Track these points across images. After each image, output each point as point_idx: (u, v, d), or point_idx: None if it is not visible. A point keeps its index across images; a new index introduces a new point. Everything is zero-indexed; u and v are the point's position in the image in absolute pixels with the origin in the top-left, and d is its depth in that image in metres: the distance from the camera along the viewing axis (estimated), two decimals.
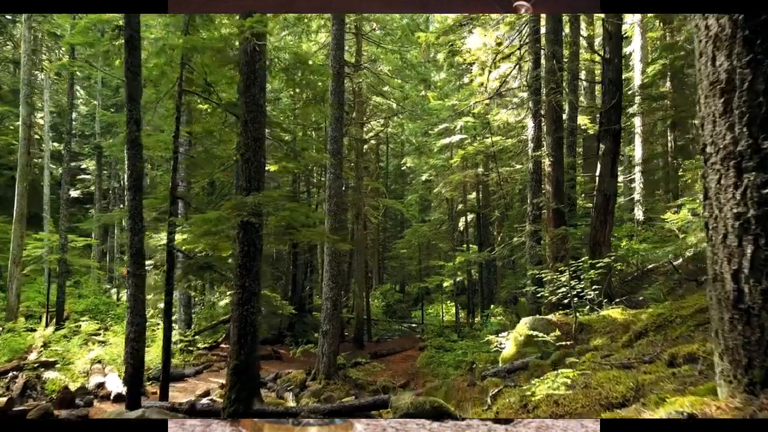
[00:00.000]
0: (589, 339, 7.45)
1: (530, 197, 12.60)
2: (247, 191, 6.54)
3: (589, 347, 6.56)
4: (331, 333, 13.61)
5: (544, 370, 6.67)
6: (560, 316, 8.35)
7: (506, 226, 22.14)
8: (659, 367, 3.46)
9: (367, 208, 25.15)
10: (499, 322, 16.82)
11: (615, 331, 7.32)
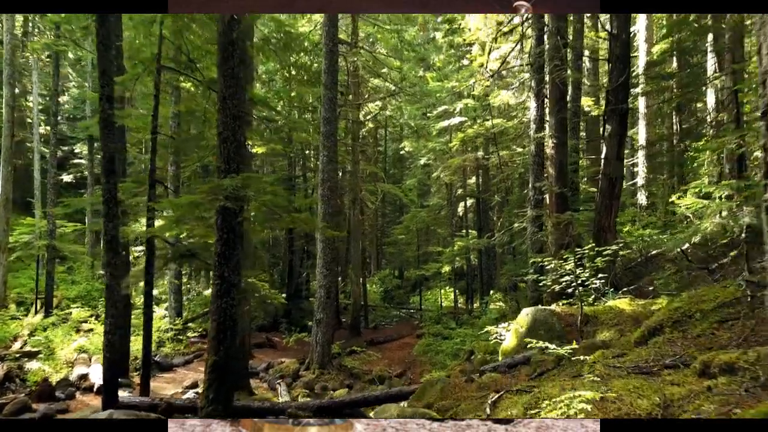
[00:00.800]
0: (596, 332, 6.97)
1: (532, 181, 12.06)
2: (226, 173, 5.99)
3: (597, 342, 6.08)
4: (325, 321, 13.16)
5: (548, 366, 6.20)
6: (564, 306, 7.87)
7: (506, 212, 21.62)
8: (687, 376, 2.96)
9: (364, 193, 24.61)
10: (498, 309, 16.38)
11: (623, 323, 6.84)
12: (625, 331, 6.49)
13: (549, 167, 11.75)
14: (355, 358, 14.60)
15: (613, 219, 11.24)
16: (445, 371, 12.93)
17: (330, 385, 12.41)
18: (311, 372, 13.01)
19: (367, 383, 13.11)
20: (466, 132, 19.45)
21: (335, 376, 13.00)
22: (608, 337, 6.53)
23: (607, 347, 5.86)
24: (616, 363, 4.00)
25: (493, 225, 26.00)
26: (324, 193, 13.22)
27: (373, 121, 30.23)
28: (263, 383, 12.13)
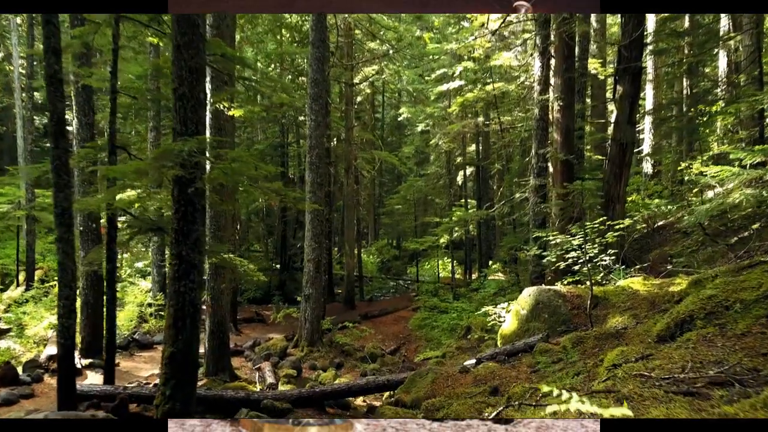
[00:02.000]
0: (607, 316, 6.22)
1: (535, 147, 11.15)
2: (182, 136, 5.12)
3: (609, 330, 5.31)
4: (314, 297, 12.45)
5: (553, 356, 5.45)
6: (570, 286, 7.09)
7: (507, 180, 20.74)
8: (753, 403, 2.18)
9: (360, 161, 23.67)
10: (497, 282, 15.69)
11: (638, 307, 6.07)
12: (640, 316, 5.73)
13: (554, 132, 10.84)
14: (347, 334, 13.96)
15: (623, 188, 10.40)
16: (440, 350, 12.34)
17: (319, 364, 11.79)
18: (300, 349, 12.38)
19: (359, 361, 12.50)
20: (466, 96, 18.38)
21: (325, 353, 12.38)
22: (621, 323, 5.77)
23: (620, 337, 5.10)
24: (642, 370, 3.21)
25: (492, 194, 25.13)
26: (312, 161, 12.33)
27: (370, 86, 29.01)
28: (248, 362, 11.49)
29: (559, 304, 6.65)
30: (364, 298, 21.39)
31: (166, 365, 5.18)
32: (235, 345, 12.46)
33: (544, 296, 6.83)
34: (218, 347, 9.57)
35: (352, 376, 11.51)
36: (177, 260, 5.26)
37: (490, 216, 13.51)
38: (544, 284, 10.91)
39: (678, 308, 4.33)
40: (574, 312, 6.57)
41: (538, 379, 4.98)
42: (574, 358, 5.07)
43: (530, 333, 6.74)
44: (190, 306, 5.26)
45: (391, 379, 6.47)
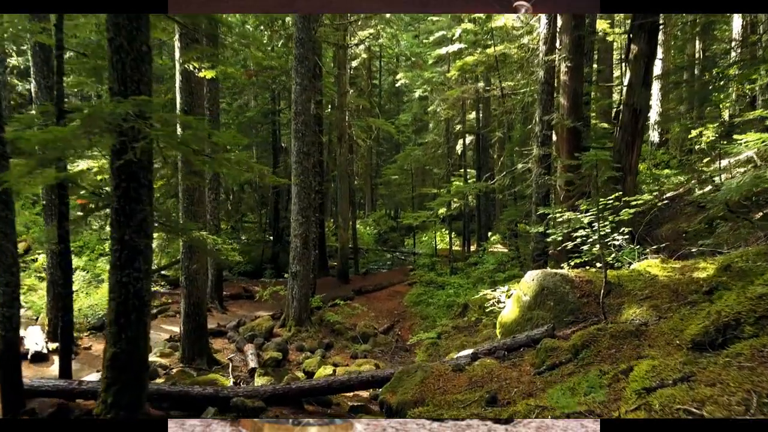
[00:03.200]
0: (622, 306, 5.44)
1: (539, 113, 10.21)
2: (119, 96, 4.24)
3: (628, 327, 4.54)
4: (302, 274, 11.71)
5: (561, 355, 4.69)
6: (579, 271, 6.31)
7: (508, 149, 19.79)
8: None
9: (354, 129, 22.66)
10: (496, 257, 14.95)
11: (658, 295, 5.29)
12: (662, 308, 4.95)
13: (560, 97, 9.90)
14: (338, 312, 13.28)
15: (635, 158, 9.55)
16: (435, 330, 11.67)
17: (307, 345, 11.13)
18: (287, 329, 11.71)
19: (349, 341, 11.85)
20: (465, 60, 17.27)
21: (313, 333, 11.71)
22: (639, 315, 5.01)
23: (642, 335, 4.33)
24: (687, 401, 2.43)
25: (493, 164, 24.18)
26: (298, 128, 11.40)
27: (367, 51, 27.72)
28: (231, 343, 10.81)
29: (566, 291, 5.88)
30: (359, 272, 20.71)
31: (107, 368, 4.43)
32: (218, 325, 11.79)
33: (550, 281, 6.05)
34: (195, 330, 8.86)
35: (341, 357, 10.87)
36: (119, 245, 4.44)
37: (490, 189, 12.65)
38: (546, 263, 10.16)
39: (718, 307, 3.53)
40: (583, 300, 5.80)
41: (544, 385, 4.23)
42: (587, 360, 4.31)
43: (533, 323, 5.99)
44: (136, 298, 4.47)
45: (376, 375, 5.75)
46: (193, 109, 8.58)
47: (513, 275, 13.10)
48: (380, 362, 10.52)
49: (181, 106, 8.61)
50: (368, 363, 10.02)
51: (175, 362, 8.93)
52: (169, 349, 9.24)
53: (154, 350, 9.39)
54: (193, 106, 8.58)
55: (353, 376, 5.79)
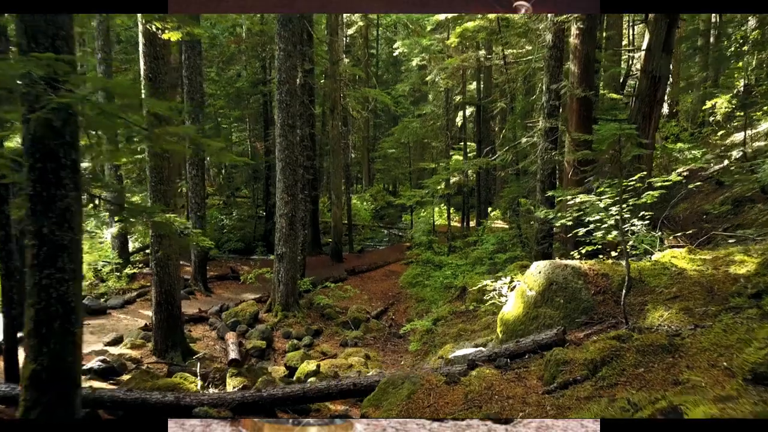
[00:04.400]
0: (645, 307, 4.65)
1: (547, 82, 9.26)
2: (26, 52, 3.35)
3: (657, 338, 3.74)
4: (289, 256, 10.93)
5: (575, 371, 3.92)
6: (592, 262, 5.49)
7: (510, 122, 18.79)
8: None
9: (349, 101, 21.61)
10: (497, 237, 14.15)
11: (689, 295, 4.50)
12: (696, 312, 4.16)
13: (570, 63, 8.93)
14: (329, 294, 12.56)
15: (652, 132, 8.66)
16: (430, 317, 10.94)
17: (294, 331, 10.43)
18: (273, 315, 10.98)
19: (340, 327, 11.15)
20: (465, 26, 16.15)
21: (301, 318, 11.00)
22: (668, 320, 4.22)
23: (676, 351, 3.54)
24: None
25: (494, 136, 23.21)
26: (282, 98, 10.46)
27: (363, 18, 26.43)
28: (213, 331, 10.10)
29: (578, 287, 5.08)
30: (353, 250, 19.96)
31: (26, 388, 3.66)
32: (199, 310, 11.06)
33: (559, 275, 5.24)
34: (167, 320, 8.11)
35: (330, 345, 10.17)
36: (36, 240, 3.62)
37: (491, 165, 11.76)
38: (551, 245, 9.36)
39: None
40: (598, 298, 5.00)
41: (555, 410, 3.46)
42: (608, 380, 3.53)
43: (540, 323, 5.21)
44: (59, 304, 3.68)
45: (358, 384, 5.00)
46: (158, 76, 7.65)
47: (514, 257, 12.34)
48: (371, 351, 9.82)
49: (145, 73, 7.68)
50: (358, 352, 9.32)
51: (146, 354, 8.21)
52: (141, 340, 8.51)
53: (125, 341, 8.67)
54: (158, 73, 7.65)
55: (332, 384, 5.04)
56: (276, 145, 10.68)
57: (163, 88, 7.73)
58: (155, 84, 7.66)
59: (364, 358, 8.97)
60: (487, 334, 8.78)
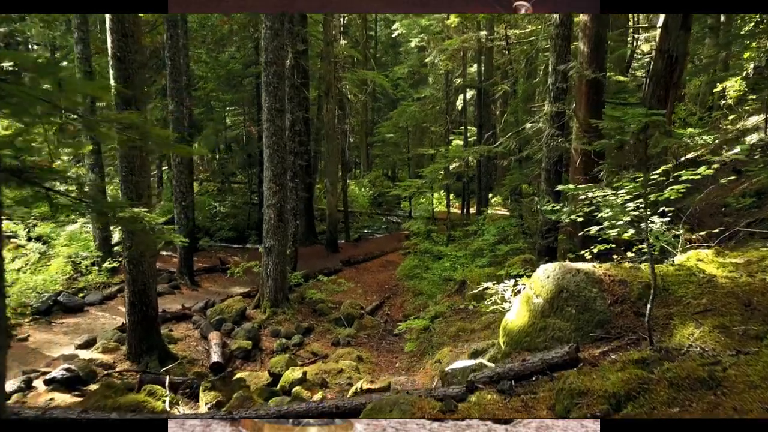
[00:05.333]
0: (671, 322, 4.02)
1: (553, 62, 8.54)
2: None
3: (693, 369, 3.12)
4: (278, 249, 10.32)
5: (593, 404, 3.30)
6: (608, 266, 4.85)
7: (512, 105, 18.05)
8: None
9: (346, 83, 20.84)
10: (498, 227, 13.50)
11: (724, 309, 3.87)
12: (734, 332, 3.53)
13: (580, 42, 8.20)
14: (322, 288, 11.96)
15: (668, 117, 7.95)
16: (427, 314, 10.35)
17: (283, 329, 9.85)
18: (261, 311, 10.40)
19: (332, 323, 10.57)
20: None
21: (291, 315, 10.42)
22: (701, 341, 3.59)
23: (718, 387, 2.92)
24: None
25: (495, 120, 22.44)
26: (269, 80, 9.75)
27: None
28: (196, 330, 9.51)
29: (592, 296, 4.45)
30: (350, 239, 19.35)
31: None
32: (183, 307, 10.48)
33: (571, 281, 4.61)
34: (142, 322, 7.51)
35: (321, 344, 9.60)
36: None
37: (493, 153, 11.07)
38: (557, 239, 8.72)
39: None
40: (615, 309, 4.37)
41: None
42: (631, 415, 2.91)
43: (548, 335, 4.60)
44: None
45: (341, 406, 4.40)
46: (127, 55, 6.95)
47: (517, 249, 11.72)
48: (364, 350, 9.25)
49: (112, 52, 6.97)
50: (350, 354, 8.75)
51: (120, 359, 7.63)
52: (114, 343, 7.93)
53: (98, 343, 8.08)
54: (127, 52, 6.94)
55: (312, 407, 4.44)
56: (263, 130, 9.99)
57: (133, 69, 7.04)
58: (123, 64, 6.96)
59: (356, 360, 8.40)
60: (487, 335, 8.18)
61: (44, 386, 6.34)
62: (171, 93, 11.76)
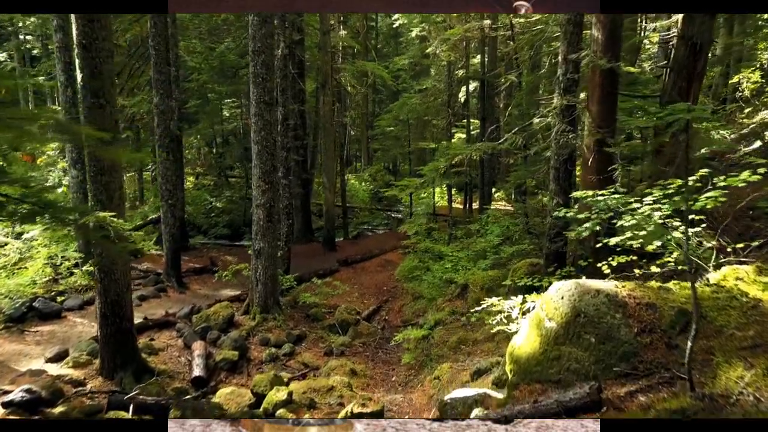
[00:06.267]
0: (713, 360, 3.37)
1: (564, 51, 7.83)
2: None
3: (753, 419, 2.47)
4: (267, 252, 9.69)
5: None
6: (632, 285, 4.19)
7: (517, 98, 17.33)
8: None
9: (344, 75, 20.13)
10: (501, 227, 12.85)
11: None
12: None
13: (593, 28, 7.50)
14: (316, 291, 11.35)
15: None
16: (426, 322, 9.73)
17: (273, 337, 9.24)
18: (251, 317, 9.78)
19: (326, 330, 9.96)
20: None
21: (282, 322, 9.80)
22: (752, 387, 2.95)
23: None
24: None
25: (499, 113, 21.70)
26: (257, 71, 9.08)
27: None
28: (179, 338, 8.90)
29: (616, 323, 3.81)
30: (348, 236, 18.72)
31: None
32: (166, 313, 9.87)
33: (589, 304, 3.97)
34: (115, 336, 6.90)
35: (313, 354, 9.00)
36: None
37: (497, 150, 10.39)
38: (566, 244, 8.05)
39: None
40: (644, 339, 3.72)
41: None
42: None
43: (563, 366, 3.96)
44: None
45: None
46: (94, 42, 6.29)
47: (521, 250, 11.08)
48: (359, 361, 8.65)
49: (77, 39, 6.32)
50: (343, 366, 8.15)
51: (92, 374, 7.02)
52: (87, 357, 7.32)
53: (70, 356, 7.48)
54: (94, 39, 6.28)
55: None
56: (251, 125, 9.34)
57: (101, 58, 6.38)
58: (90, 53, 6.31)
59: (349, 375, 7.80)
60: (491, 348, 7.56)
61: (2, 409, 5.74)
62: (155, 85, 11.08)
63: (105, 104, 6.48)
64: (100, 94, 6.42)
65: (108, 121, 6.51)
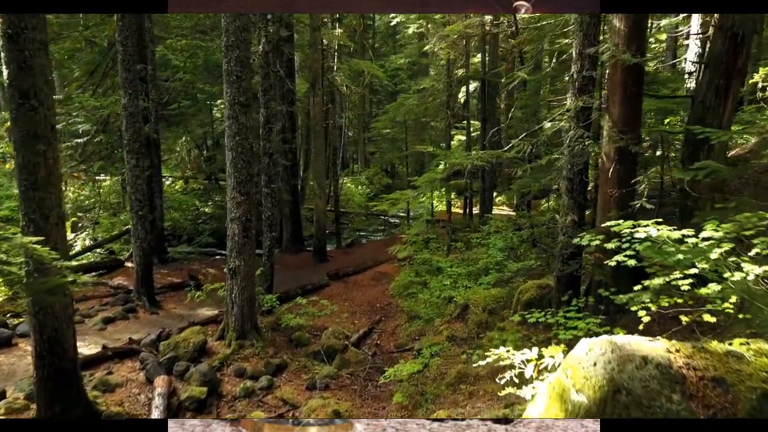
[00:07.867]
0: None
1: (578, 45, 6.79)
2: None
3: None
4: (244, 271, 8.67)
5: None
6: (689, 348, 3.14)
7: (520, 99, 16.29)
8: None
9: (338, 74, 19.11)
10: (505, 238, 11.81)
11: None
12: None
13: (615, 18, 6.46)
14: (300, 312, 10.32)
15: (728, 114, 6.24)
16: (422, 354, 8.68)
17: (249, 367, 8.21)
18: (226, 344, 8.75)
19: (310, 358, 8.93)
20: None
21: (261, 349, 8.76)
22: None
23: None
24: None
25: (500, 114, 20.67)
26: (231, 68, 8.05)
27: None
28: (142, 371, 7.85)
29: (674, 408, 2.78)
30: (341, 245, 17.67)
31: None
32: (129, 340, 8.82)
33: (634, 377, 2.94)
34: (54, 378, 5.87)
35: (293, 388, 7.96)
36: None
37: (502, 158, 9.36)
38: (581, 266, 7.02)
39: None
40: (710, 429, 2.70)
41: None
42: None
43: None
44: None
45: None
46: (22, 33, 5.26)
47: (528, 267, 10.06)
48: (344, 398, 7.61)
49: (2, 30, 5.29)
50: (326, 405, 7.11)
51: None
52: (25, 401, 6.29)
53: (4, 400, 6.44)
54: (22, 29, 5.25)
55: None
56: (225, 129, 8.31)
57: (32, 51, 5.35)
58: (17, 44, 5.27)
59: (332, 414, 6.77)
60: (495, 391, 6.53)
61: None
62: (123, 84, 10.04)
63: (38, 106, 5.45)
64: (31, 94, 5.38)
65: (41, 125, 5.48)
